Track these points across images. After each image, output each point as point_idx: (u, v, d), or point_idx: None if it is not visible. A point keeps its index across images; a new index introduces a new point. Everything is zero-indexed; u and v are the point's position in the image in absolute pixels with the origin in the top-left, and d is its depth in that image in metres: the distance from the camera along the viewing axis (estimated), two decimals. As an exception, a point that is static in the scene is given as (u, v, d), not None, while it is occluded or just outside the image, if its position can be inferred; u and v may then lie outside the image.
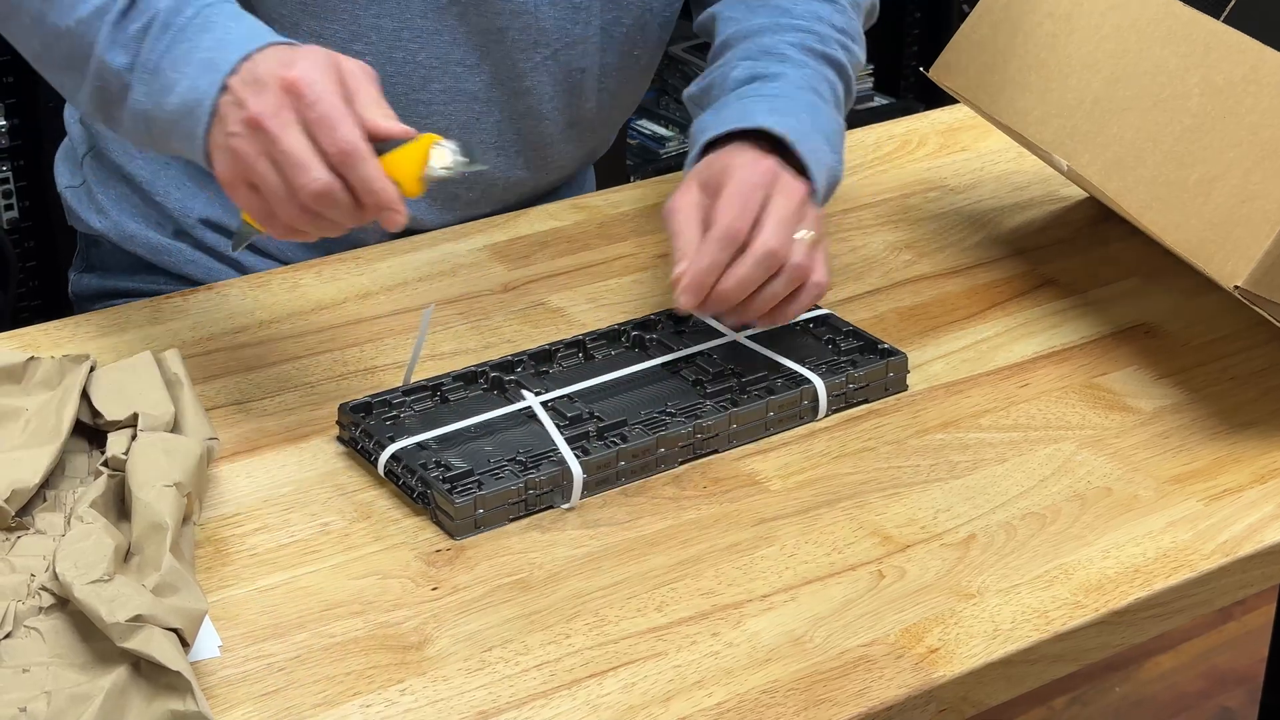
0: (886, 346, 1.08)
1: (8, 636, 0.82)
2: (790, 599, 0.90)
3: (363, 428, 1.00)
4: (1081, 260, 1.27)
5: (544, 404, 1.02)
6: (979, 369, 1.12)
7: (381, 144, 0.96)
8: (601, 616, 0.89)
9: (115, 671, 0.79)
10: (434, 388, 1.04)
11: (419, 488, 0.96)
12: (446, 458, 0.98)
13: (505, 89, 1.25)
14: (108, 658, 0.80)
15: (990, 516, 0.97)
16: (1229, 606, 1.03)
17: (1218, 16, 1.12)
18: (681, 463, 1.01)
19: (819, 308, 1.13)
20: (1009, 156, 1.42)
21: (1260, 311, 1.03)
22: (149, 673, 0.79)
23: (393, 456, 0.98)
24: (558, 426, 1.00)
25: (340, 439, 1.03)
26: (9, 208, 2.15)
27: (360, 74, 0.97)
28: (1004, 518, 0.97)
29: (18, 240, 2.16)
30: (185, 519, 0.89)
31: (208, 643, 0.85)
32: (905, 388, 1.08)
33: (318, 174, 0.94)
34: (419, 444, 0.99)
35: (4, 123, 2.12)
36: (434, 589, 0.91)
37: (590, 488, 0.98)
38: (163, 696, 0.78)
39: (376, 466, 0.98)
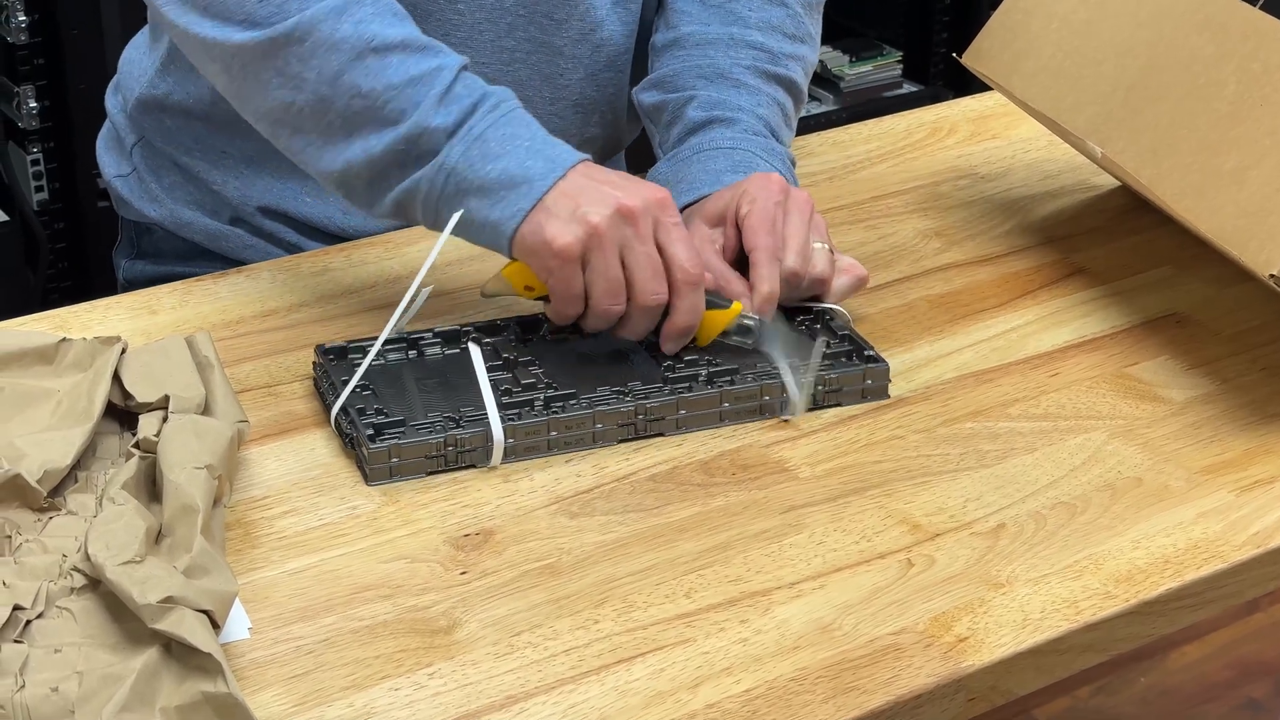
0: (872, 353, 1.07)
1: (40, 617, 0.82)
2: (819, 586, 0.90)
3: (325, 368, 1.02)
4: (1113, 249, 1.26)
5: (502, 371, 1.03)
6: (1009, 358, 1.12)
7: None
8: (630, 602, 0.89)
9: (146, 652, 0.79)
10: (412, 341, 1.05)
11: (351, 432, 0.98)
12: (388, 406, 0.99)
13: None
14: (139, 639, 0.80)
15: (1020, 506, 0.97)
16: (1256, 597, 1.02)
17: (1254, 3, 1.11)
18: (620, 441, 1.01)
19: (822, 303, 1.12)
20: (1040, 144, 1.41)
21: (1294, 302, 1.02)
22: (180, 654, 0.79)
23: (343, 408, 0.99)
24: (509, 391, 1.01)
25: (314, 379, 1.05)
26: (39, 190, 2.16)
27: None
28: (1034, 507, 0.97)
29: (47, 222, 2.17)
30: (216, 501, 0.89)
31: (238, 625, 0.86)
32: (886, 396, 1.07)
33: (663, 287, 1.02)
34: (371, 391, 1.00)
35: (34, 105, 2.12)
36: (463, 573, 0.91)
37: (518, 453, 0.99)
38: (194, 678, 0.78)
39: (329, 410, 1.00)
